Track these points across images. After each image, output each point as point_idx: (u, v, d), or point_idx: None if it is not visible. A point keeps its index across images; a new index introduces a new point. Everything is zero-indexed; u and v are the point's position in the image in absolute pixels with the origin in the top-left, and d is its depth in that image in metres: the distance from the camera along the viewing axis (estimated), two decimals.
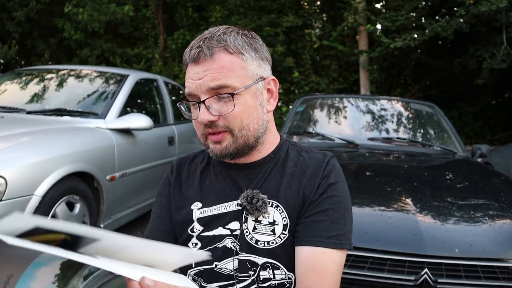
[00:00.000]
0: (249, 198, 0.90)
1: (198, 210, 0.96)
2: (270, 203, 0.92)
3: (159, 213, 1.01)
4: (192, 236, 0.95)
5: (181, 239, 0.96)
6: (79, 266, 0.62)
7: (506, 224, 1.79)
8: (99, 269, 0.61)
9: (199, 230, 0.94)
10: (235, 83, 0.86)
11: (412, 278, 1.61)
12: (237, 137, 0.89)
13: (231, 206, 0.94)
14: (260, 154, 0.96)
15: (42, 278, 0.61)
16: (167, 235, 0.99)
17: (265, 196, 0.91)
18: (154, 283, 0.60)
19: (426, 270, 1.62)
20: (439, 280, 1.60)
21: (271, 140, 0.98)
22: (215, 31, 0.90)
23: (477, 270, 1.63)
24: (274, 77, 0.96)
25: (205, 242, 0.93)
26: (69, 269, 0.62)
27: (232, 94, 0.86)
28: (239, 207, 0.92)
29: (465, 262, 1.63)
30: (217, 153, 0.91)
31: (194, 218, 0.95)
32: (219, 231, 0.93)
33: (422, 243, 1.66)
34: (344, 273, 1.66)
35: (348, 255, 1.68)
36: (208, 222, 0.94)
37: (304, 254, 0.88)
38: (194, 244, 0.95)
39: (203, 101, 0.87)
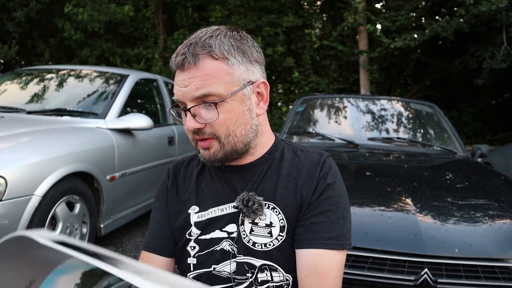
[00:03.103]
0: (245, 201, 0.90)
1: (195, 214, 0.96)
2: (267, 205, 0.91)
3: (158, 218, 1.01)
4: (190, 240, 0.95)
5: (180, 243, 0.96)
6: (99, 277, 0.62)
7: (506, 224, 1.79)
8: (118, 282, 0.61)
9: (196, 234, 0.94)
10: (220, 91, 0.85)
11: (412, 278, 1.61)
12: (224, 144, 0.88)
13: (227, 208, 0.93)
14: (253, 157, 0.96)
15: (62, 286, 0.62)
16: (166, 240, 0.99)
17: (261, 198, 0.90)
18: None
19: (426, 270, 1.62)
20: (439, 280, 1.60)
21: (264, 142, 0.97)
22: (201, 35, 0.88)
23: (477, 270, 1.63)
24: (264, 80, 0.93)
25: (203, 246, 0.93)
26: (90, 279, 0.62)
27: (215, 103, 0.85)
28: (236, 210, 0.92)
29: (465, 262, 1.63)
30: (206, 158, 0.91)
31: (192, 222, 0.95)
32: (217, 234, 0.93)
33: (422, 243, 1.66)
34: (344, 273, 1.66)
35: (348, 255, 1.69)
36: (206, 226, 0.94)
37: (306, 257, 0.88)
38: (192, 248, 0.94)
39: (189, 109, 0.86)
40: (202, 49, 0.85)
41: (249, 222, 0.91)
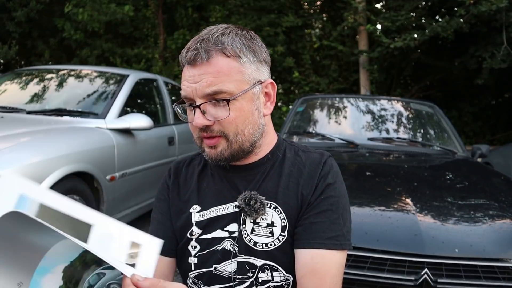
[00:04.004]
0: (247, 200, 0.89)
1: (196, 214, 0.96)
2: (269, 204, 0.91)
3: (159, 218, 1.01)
4: (191, 239, 0.95)
5: (181, 243, 0.96)
6: (80, 276, 0.65)
7: (506, 224, 1.79)
8: (97, 281, 0.65)
9: (197, 233, 0.94)
10: (231, 88, 0.85)
11: (412, 278, 1.61)
12: (232, 142, 0.88)
13: (229, 208, 0.93)
14: (257, 156, 0.96)
15: (47, 287, 0.64)
16: (168, 240, 0.98)
17: (263, 198, 0.90)
18: (143, 279, 0.65)
19: (426, 270, 1.62)
20: (439, 280, 1.60)
21: (268, 142, 0.97)
22: (213, 31, 0.88)
23: (477, 270, 1.63)
24: (272, 81, 0.94)
25: (204, 245, 0.93)
26: (71, 280, 0.65)
27: (228, 100, 0.84)
28: (237, 209, 0.92)
29: (465, 262, 1.63)
30: (212, 157, 0.91)
31: (193, 221, 0.95)
32: (218, 233, 0.93)
33: (422, 243, 1.66)
34: (344, 273, 1.66)
35: (348, 255, 1.67)
36: (207, 225, 0.94)
37: (304, 256, 0.87)
38: (193, 247, 0.94)
39: (199, 106, 0.85)
40: (215, 46, 0.85)
41: (251, 222, 0.91)
